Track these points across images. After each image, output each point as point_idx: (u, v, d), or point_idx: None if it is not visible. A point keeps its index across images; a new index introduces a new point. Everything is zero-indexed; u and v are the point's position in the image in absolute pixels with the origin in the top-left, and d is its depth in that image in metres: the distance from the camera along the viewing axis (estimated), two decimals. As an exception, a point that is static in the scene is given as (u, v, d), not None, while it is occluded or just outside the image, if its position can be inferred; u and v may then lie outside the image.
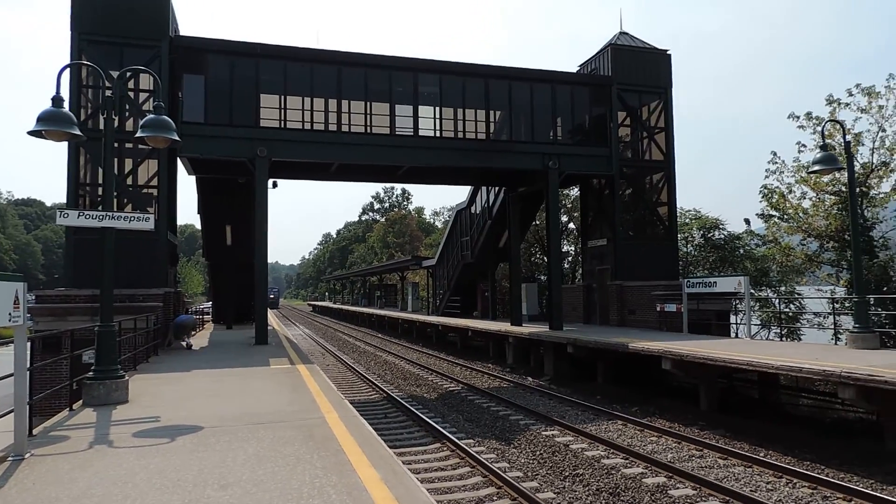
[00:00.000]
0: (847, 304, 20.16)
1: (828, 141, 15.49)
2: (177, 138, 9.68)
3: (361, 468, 5.47)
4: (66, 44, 17.90)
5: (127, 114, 18.46)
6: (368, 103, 21.01)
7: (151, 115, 9.58)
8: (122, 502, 4.67)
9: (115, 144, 16.72)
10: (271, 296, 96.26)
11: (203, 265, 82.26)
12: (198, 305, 31.05)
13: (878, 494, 8.37)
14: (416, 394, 18.42)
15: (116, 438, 6.78)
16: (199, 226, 37.45)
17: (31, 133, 8.63)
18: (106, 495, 4.83)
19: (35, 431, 7.04)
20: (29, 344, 6.58)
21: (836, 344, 18.09)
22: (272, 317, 33.98)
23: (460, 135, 22.14)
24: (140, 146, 18.34)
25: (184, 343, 17.98)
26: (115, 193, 9.90)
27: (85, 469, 5.57)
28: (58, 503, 4.69)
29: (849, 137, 18.97)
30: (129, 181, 18.70)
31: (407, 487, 4.94)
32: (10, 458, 5.90)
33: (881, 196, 23.38)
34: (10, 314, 5.91)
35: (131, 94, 18.65)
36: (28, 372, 6.54)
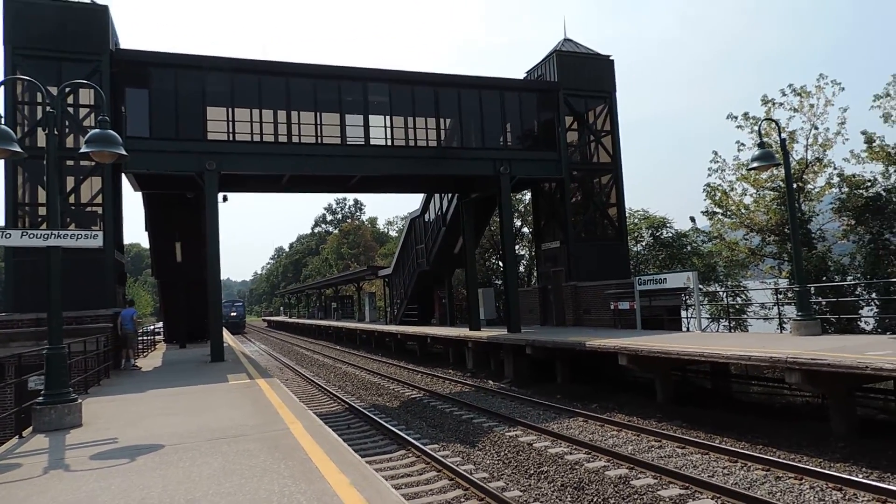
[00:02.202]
0: (790, 295, 21.03)
1: (764, 139, 16.15)
2: (123, 153, 9.46)
3: (330, 474, 5.46)
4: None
5: (67, 130, 17.93)
6: (318, 114, 20.91)
7: (96, 130, 9.34)
8: (85, 523, 4.56)
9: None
10: (233, 314, 74.26)
11: (152, 284, 79.99)
12: (147, 326, 30.15)
13: (826, 472, 8.77)
14: (378, 403, 18.33)
15: (73, 462, 6.57)
16: (145, 244, 36.50)
17: (-32, 151, 8.33)
18: (67, 518, 4.70)
19: (-16, 460, 6.76)
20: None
21: (781, 332, 18.85)
22: (227, 334, 33.27)
23: (412, 143, 22.24)
24: (82, 163, 17.90)
25: (132, 363, 17.47)
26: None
27: (43, 494, 5.40)
28: (16, 529, 4.53)
29: (784, 135, 19.90)
30: (72, 199, 18.12)
31: (377, 490, 4.96)
32: (-40, 488, 5.66)
33: (816, 190, 24.51)
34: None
35: (70, 109, 18.10)
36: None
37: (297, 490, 5.05)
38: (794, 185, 21.00)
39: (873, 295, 20.75)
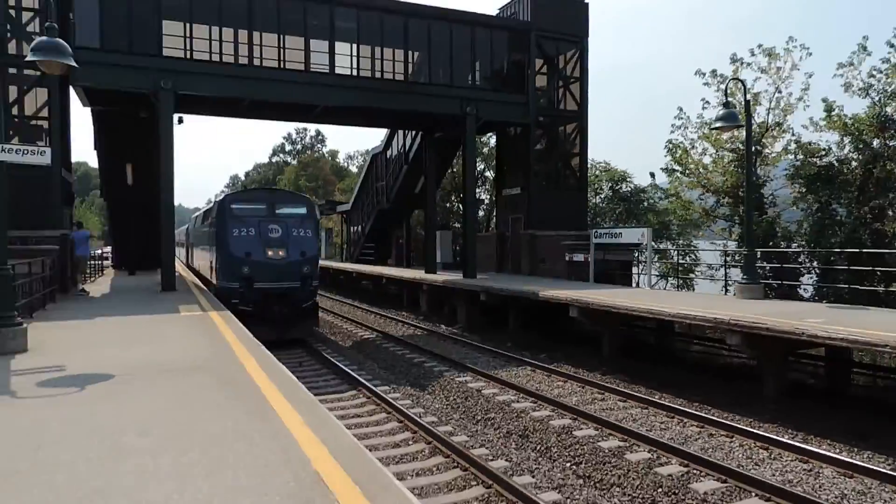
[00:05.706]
0: (737, 257, 21.70)
1: (729, 99, 16.24)
2: (73, 64, 8.92)
3: (284, 413, 5.49)
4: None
5: (9, 34, 16.73)
6: (282, 36, 20.01)
7: (43, 38, 8.74)
8: (35, 452, 4.48)
9: (-1, 69, 15.26)
10: (276, 254, 17.33)
11: (100, 206, 77.25)
12: (96, 250, 29.22)
13: (755, 431, 9.30)
14: (330, 341, 18.42)
15: (20, 388, 6.43)
16: (94, 163, 34.95)
17: None
18: (17, 445, 4.62)
19: (-78, 382, 6.56)
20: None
21: (725, 294, 19.55)
22: (178, 263, 32.60)
23: (378, 75, 21.62)
24: (25, 72, 16.79)
25: (79, 288, 17.02)
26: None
27: (-13, 421, 5.28)
28: (-40, 457, 4.44)
29: (749, 97, 20.04)
30: (15, 111, 17.09)
31: (331, 429, 5.02)
32: None
33: (773, 155, 24.97)
34: None
35: (12, 12, 16.85)
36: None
37: (251, 428, 5.07)
38: (753, 149, 21.35)
39: (815, 263, 21.57)
